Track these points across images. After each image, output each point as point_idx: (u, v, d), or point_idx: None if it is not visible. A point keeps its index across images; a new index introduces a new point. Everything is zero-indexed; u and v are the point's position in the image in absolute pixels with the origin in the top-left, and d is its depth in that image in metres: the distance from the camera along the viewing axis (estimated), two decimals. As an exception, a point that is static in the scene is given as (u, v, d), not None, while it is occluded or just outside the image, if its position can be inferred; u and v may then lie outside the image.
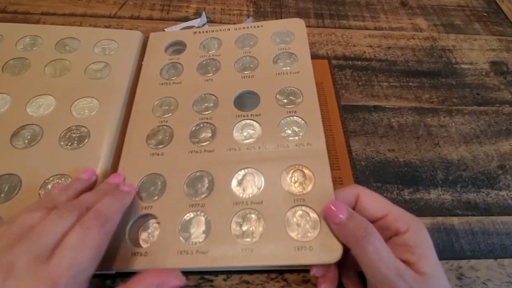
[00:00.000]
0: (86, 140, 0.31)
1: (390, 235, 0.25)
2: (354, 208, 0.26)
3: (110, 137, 0.32)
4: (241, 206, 0.28)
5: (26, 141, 0.31)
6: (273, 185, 0.29)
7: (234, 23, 0.47)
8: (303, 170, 0.29)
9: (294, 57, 0.37)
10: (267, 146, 0.31)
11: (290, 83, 0.35)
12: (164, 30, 0.45)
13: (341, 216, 0.24)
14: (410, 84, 0.43)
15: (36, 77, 0.36)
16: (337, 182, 0.34)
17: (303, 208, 0.28)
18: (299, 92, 0.34)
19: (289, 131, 0.32)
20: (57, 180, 0.29)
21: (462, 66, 0.46)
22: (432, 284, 0.22)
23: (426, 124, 0.40)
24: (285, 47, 0.38)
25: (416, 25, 0.50)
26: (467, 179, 0.36)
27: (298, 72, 0.36)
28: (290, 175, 0.29)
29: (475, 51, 0.48)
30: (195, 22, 0.46)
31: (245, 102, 0.35)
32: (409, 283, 0.22)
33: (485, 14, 0.53)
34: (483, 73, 0.45)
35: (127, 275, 0.28)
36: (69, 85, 0.35)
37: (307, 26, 0.39)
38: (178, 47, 0.40)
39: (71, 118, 0.33)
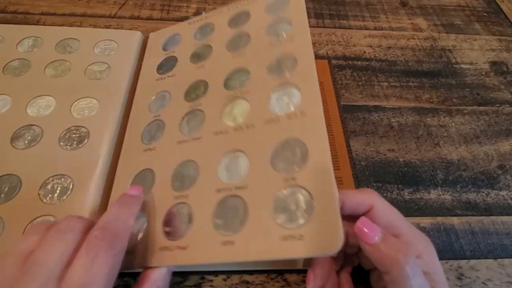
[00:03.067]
0: (85, 141, 0.31)
1: None
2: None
3: (109, 137, 0.32)
4: (224, 193, 0.25)
5: (26, 142, 0.31)
6: (260, 166, 0.25)
7: (234, 23, 0.47)
8: (296, 145, 0.25)
9: (289, 25, 0.33)
10: (256, 124, 0.27)
11: (284, 52, 0.31)
12: (164, 30, 0.45)
13: (373, 235, 0.22)
14: (410, 84, 0.43)
15: (37, 78, 0.36)
16: (337, 182, 0.33)
17: (294, 189, 0.23)
18: (293, 59, 0.30)
19: (282, 103, 0.28)
20: (57, 181, 0.29)
21: (462, 66, 0.46)
22: None
23: (426, 124, 0.40)
24: (279, 16, 0.34)
25: (416, 25, 0.50)
26: (467, 179, 0.36)
27: (293, 39, 0.31)
28: (280, 152, 0.25)
29: (475, 51, 0.48)
30: (195, 22, 0.46)
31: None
32: None
33: (485, 14, 0.53)
34: (483, 73, 0.45)
35: (126, 275, 0.28)
36: (69, 85, 0.35)
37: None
38: (173, 41, 0.39)
39: (71, 118, 0.33)
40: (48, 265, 0.19)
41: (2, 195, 0.28)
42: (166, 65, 0.37)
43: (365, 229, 0.22)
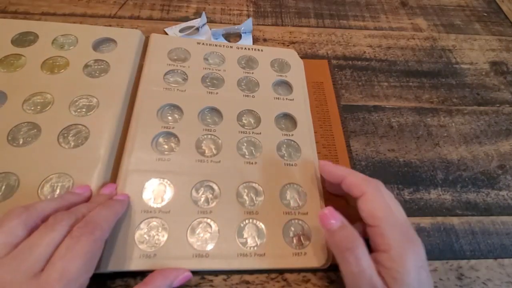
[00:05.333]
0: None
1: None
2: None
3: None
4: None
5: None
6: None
7: (234, 23, 0.47)
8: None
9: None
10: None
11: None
12: (164, 30, 0.45)
13: (333, 222, 0.25)
14: (410, 84, 0.43)
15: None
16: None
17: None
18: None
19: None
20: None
21: (462, 66, 0.46)
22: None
23: (426, 124, 0.40)
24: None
25: (416, 25, 0.50)
26: (467, 179, 0.36)
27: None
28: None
29: (475, 51, 0.48)
30: (195, 22, 0.46)
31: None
32: None
33: (485, 14, 0.53)
34: (483, 73, 0.45)
35: (126, 275, 0.28)
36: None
37: (307, 26, 0.39)
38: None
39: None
40: (37, 250, 0.21)
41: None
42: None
43: (326, 212, 0.26)
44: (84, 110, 0.33)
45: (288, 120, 0.37)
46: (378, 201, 0.26)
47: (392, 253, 0.24)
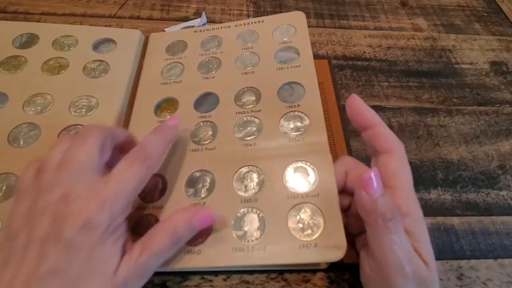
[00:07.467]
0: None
1: None
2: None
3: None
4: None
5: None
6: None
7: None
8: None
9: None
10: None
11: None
12: (164, 30, 0.45)
13: (378, 188, 0.22)
14: (410, 84, 0.43)
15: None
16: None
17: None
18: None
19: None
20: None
21: (462, 66, 0.46)
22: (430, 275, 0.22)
23: (426, 124, 0.40)
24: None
25: (416, 25, 0.50)
26: (467, 179, 0.36)
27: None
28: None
29: (475, 51, 0.48)
30: (195, 22, 0.46)
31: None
32: (413, 268, 0.21)
33: (485, 14, 0.53)
34: (483, 73, 0.45)
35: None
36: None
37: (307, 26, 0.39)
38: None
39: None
40: (80, 158, 0.23)
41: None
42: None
43: (372, 179, 0.22)
44: (84, 110, 0.33)
45: (293, 90, 0.34)
46: (404, 163, 0.24)
47: (414, 217, 0.23)
